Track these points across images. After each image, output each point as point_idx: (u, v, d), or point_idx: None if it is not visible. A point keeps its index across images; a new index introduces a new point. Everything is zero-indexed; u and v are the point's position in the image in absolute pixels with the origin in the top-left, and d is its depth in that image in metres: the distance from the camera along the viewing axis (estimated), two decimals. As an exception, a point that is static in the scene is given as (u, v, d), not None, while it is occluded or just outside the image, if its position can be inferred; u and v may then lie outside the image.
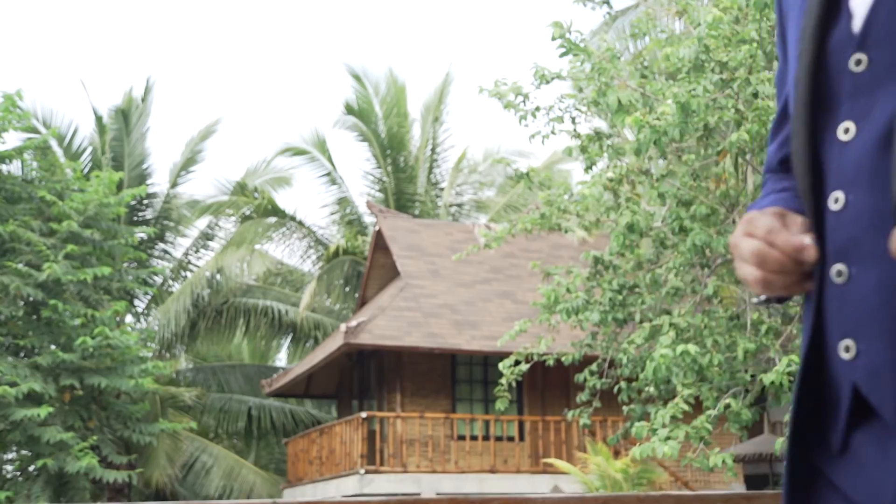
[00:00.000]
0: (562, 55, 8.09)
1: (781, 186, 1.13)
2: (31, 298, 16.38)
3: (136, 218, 22.95)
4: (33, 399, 15.42)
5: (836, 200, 0.97)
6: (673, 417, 7.73)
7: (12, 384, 14.93)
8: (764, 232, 1.00)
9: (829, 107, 0.99)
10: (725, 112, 7.99)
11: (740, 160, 8.84)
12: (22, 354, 16.78)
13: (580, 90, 9.26)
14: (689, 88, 7.52)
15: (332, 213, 25.70)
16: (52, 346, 16.25)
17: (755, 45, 7.65)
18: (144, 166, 23.63)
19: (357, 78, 25.10)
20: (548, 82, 8.58)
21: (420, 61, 67.81)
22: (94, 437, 16.09)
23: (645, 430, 7.96)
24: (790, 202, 1.07)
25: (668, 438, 7.53)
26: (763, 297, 1.07)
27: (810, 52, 1.00)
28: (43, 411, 14.74)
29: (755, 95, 7.87)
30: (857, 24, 0.97)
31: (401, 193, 24.59)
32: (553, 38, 7.92)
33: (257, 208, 24.72)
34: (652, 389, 8.87)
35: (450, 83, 25.28)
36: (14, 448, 16.87)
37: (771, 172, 1.18)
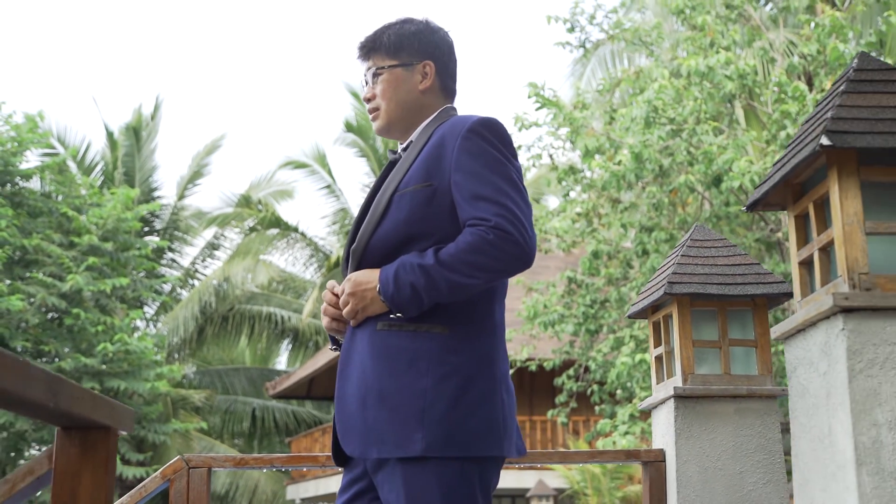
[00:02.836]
0: (537, 109, 9.48)
1: None
2: (54, 307, 17.52)
3: (145, 229, 24.06)
4: (58, 400, 16.62)
5: None
6: (631, 416, 9.11)
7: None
8: (330, 295, 2.09)
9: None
10: (678, 155, 9.37)
11: (694, 193, 10.20)
12: (45, 360, 17.96)
13: (557, 129, 10.65)
14: (642, 139, 8.90)
15: (333, 224, 26.96)
16: (72, 351, 17.36)
17: (699, 101, 9.03)
18: (153, 180, 24.85)
19: (356, 95, 26.36)
20: (527, 128, 9.96)
21: (416, 76, 69.29)
22: (114, 436, 17.28)
23: (608, 426, 9.34)
24: None
25: (626, 433, 8.91)
26: (333, 346, 2.16)
27: (357, 217, 2.15)
28: (68, 411, 15.90)
29: (702, 141, 9.27)
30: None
31: (398, 204, 25.84)
32: (529, 97, 9.32)
33: (261, 220, 25.97)
34: (620, 392, 10.22)
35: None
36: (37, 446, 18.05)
37: None
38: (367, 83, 2.18)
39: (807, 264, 2.19)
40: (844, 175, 1.97)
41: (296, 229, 26.41)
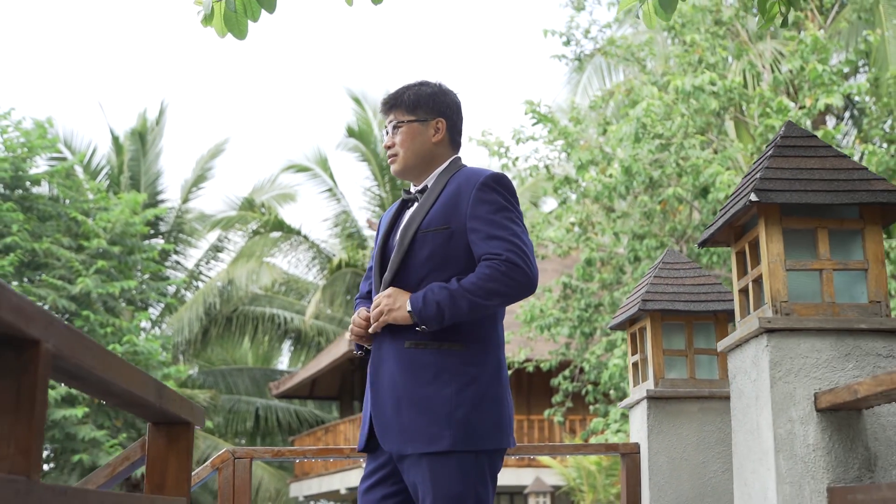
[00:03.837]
0: (534, 124, 10.03)
1: (366, 304, 2.59)
2: (64, 309, 17.96)
3: (151, 231, 24.45)
4: (69, 401, 17.06)
5: None
6: (623, 415, 9.62)
7: (53, 387, 16.63)
8: (362, 316, 2.51)
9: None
10: (667, 167, 9.90)
11: (683, 203, 10.72)
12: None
13: (553, 141, 11.18)
14: (632, 153, 9.44)
15: (334, 227, 27.42)
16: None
17: (686, 117, 9.57)
18: (158, 183, 25.30)
19: (357, 100, 26.83)
20: (524, 142, 10.51)
21: (416, 84, 69.93)
22: (124, 435, 17.71)
23: (601, 424, 9.86)
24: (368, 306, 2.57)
25: (618, 431, 9.43)
26: (358, 351, 2.59)
27: (378, 255, 2.55)
28: (79, 412, 16.34)
29: (689, 155, 9.81)
30: (395, 239, 2.52)
31: (398, 209, 26.35)
32: (526, 113, 9.86)
33: (264, 223, 26.46)
34: (613, 392, 10.73)
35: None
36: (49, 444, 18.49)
37: (361, 298, 2.65)
38: (388, 133, 2.59)
39: (744, 292, 2.71)
40: (770, 223, 2.49)
41: (298, 232, 26.88)
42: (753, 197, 2.45)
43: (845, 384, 2.31)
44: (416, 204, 2.54)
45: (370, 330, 2.44)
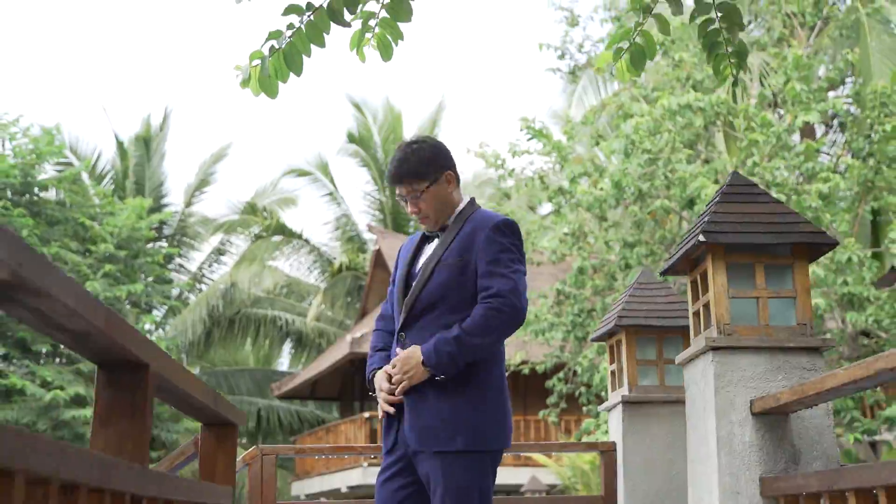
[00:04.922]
0: (528, 139, 10.56)
1: (385, 354, 3.02)
2: (73, 312, 18.34)
3: (155, 235, 24.87)
4: (78, 402, 17.49)
5: None
6: (613, 416, 10.13)
7: (62, 388, 17.07)
8: (385, 388, 2.89)
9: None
10: (655, 180, 10.42)
11: (671, 213, 11.23)
12: (63, 361, 18.78)
13: (548, 153, 11.70)
14: (622, 168, 9.95)
15: (335, 230, 27.92)
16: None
17: (672, 133, 10.10)
18: (162, 188, 25.77)
19: (357, 107, 27.33)
20: (519, 155, 11.03)
21: (414, 91, 70.45)
22: (131, 435, 18.15)
23: (592, 424, 10.36)
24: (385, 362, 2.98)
25: (607, 431, 9.89)
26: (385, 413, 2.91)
27: (401, 281, 3.00)
28: (88, 412, 16.79)
29: (676, 169, 10.33)
30: (417, 268, 2.96)
31: (397, 213, 26.89)
32: (521, 129, 10.39)
33: (266, 227, 26.94)
34: (605, 394, 11.21)
35: (442, 111, 27.56)
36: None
37: (382, 320, 3.09)
38: (406, 201, 2.96)
39: (696, 314, 3.22)
40: (716, 259, 3.00)
41: (300, 236, 27.35)
42: (702, 238, 2.96)
43: (774, 393, 2.82)
44: (436, 239, 2.97)
45: (396, 393, 2.82)
